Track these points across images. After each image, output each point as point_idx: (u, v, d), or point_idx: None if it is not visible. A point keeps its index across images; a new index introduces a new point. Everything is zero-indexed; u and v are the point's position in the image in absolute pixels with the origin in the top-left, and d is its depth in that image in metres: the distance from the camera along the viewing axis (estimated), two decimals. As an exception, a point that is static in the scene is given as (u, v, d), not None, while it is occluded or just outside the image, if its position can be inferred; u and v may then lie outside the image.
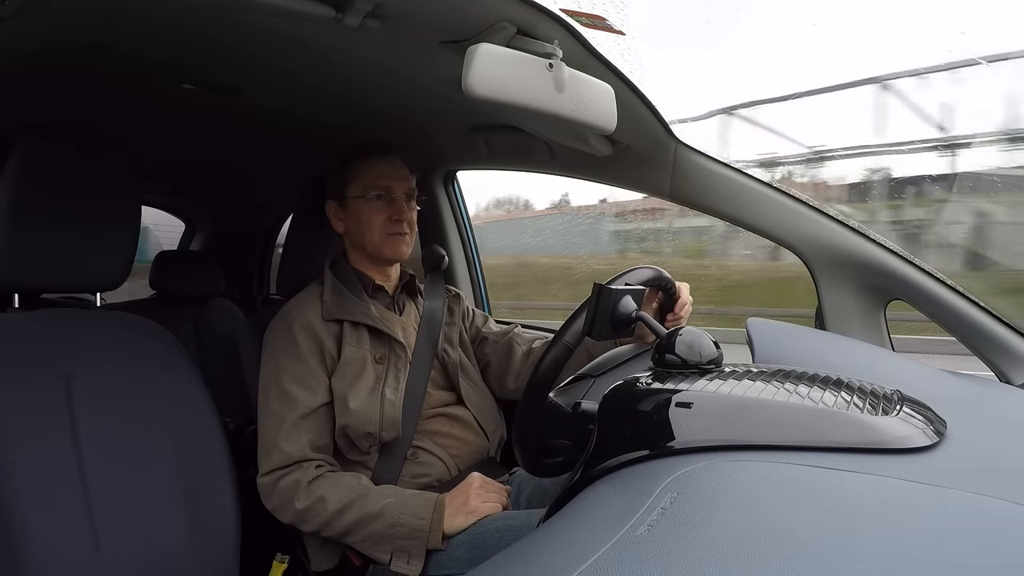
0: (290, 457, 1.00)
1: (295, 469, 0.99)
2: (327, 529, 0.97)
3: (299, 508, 0.97)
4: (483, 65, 0.65)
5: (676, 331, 0.69)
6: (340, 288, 1.13)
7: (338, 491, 0.97)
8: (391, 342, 1.11)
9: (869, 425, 0.54)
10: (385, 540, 0.95)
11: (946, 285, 0.97)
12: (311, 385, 1.04)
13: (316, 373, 1.05)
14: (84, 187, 0.97)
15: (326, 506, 0.96)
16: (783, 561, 0.36)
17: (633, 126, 1.04)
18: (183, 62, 1.02)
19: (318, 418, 1.03)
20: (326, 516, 0.96)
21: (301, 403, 1.02)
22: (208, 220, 2.46)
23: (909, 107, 2.69)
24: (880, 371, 0.76)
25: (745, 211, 1.09)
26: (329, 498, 0.96)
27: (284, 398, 1.03)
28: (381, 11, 0.75)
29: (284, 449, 1.00)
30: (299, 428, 1.01)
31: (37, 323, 0.95)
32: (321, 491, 0.97)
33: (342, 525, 0.96)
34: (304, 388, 1.03)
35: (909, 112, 2.61)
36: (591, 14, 0.83)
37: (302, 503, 0.97)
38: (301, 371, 1.04)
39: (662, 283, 0.95)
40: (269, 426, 1.03)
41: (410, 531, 0.94)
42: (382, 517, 0.95)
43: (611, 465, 0.57)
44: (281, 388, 1.03)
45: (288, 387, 1.03)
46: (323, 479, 0.99)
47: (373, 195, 1.13)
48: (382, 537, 0.95)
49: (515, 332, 1.28)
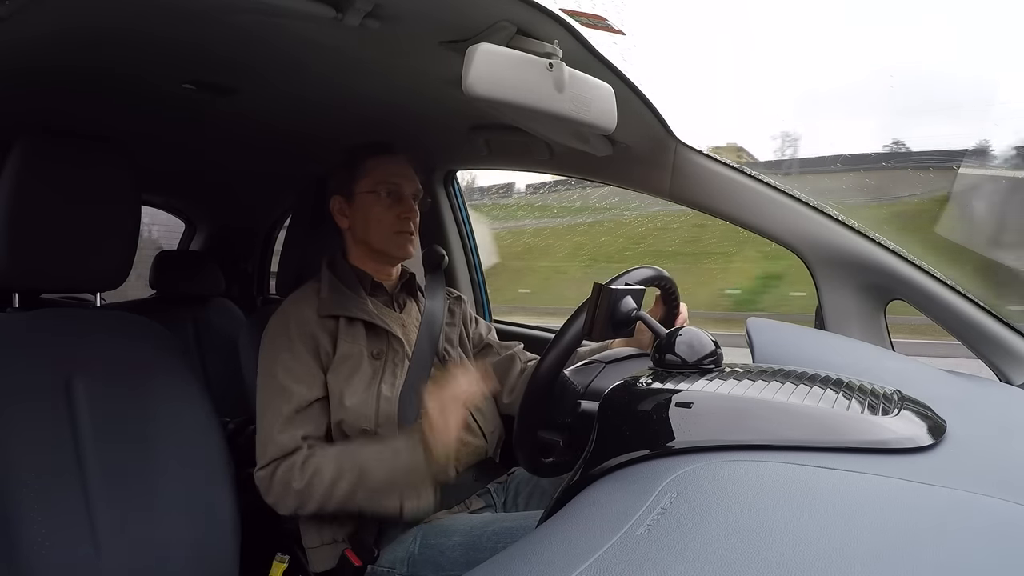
0: (284, 448, 1.00)
1: (290, 455, 0.99)
2: (329, 501, 0.97)
3: (298, 488, 0.97)
4: (483, 65, 0.65)
5: (676, 331, 0.69)
6: (337, 285, 1.13)
7: (330, 461, 0.98)
8: (388, 338, 1.11)
9: (869, 425, 0.54)
10: (390, 488, 0.97)
11: (946, 285, 0.97)
12: (306, 380, 1.04)
13: (311, 369, 1.05)
14: (84, 187, 0.97)
15: (323, 478, 0.96)
16: (783, 561, 0.36)
17: (633, 126, 1.04)
18: (183, 62, 1.02)
19: (313, 412, 1.03)
20: (324, 487, 0.96)
21: (296, 397, 1.02)
22: (208, 220, 2.46)
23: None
24: (880, 371, 0.76)
25: (745, 211, 1.09)
26: (324, 468, 0.97)
27: (279, 392, 1.03)
28: (381, 11, 0.75)
29: (279, 441, 1.00)
30: (294, 422, 1.01)
31: (37, 323, 0.95)
32: (314, 465, 0.97)
33: (343, 491, 0.97)
34: (299, 383, 1.03)
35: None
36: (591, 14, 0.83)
37: (299, 483, 0.97)
38: (296, 366, 1.04)
39: (662, 283, 0.95)
40: (266, 421, 1.03)
41: (410, 467, 0.96)
42: (379, 468, 0.97)
43: (611, 465, 0.57)
44: (277, 383, 1.03)
45: (284, 382, 1.03)
46: (315, 455, 0.99)
47: (384, 192, 1.13)
48: (387, 486, 0.97)
49: (519, 349, 1.29)
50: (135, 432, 0.94)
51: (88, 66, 1.01)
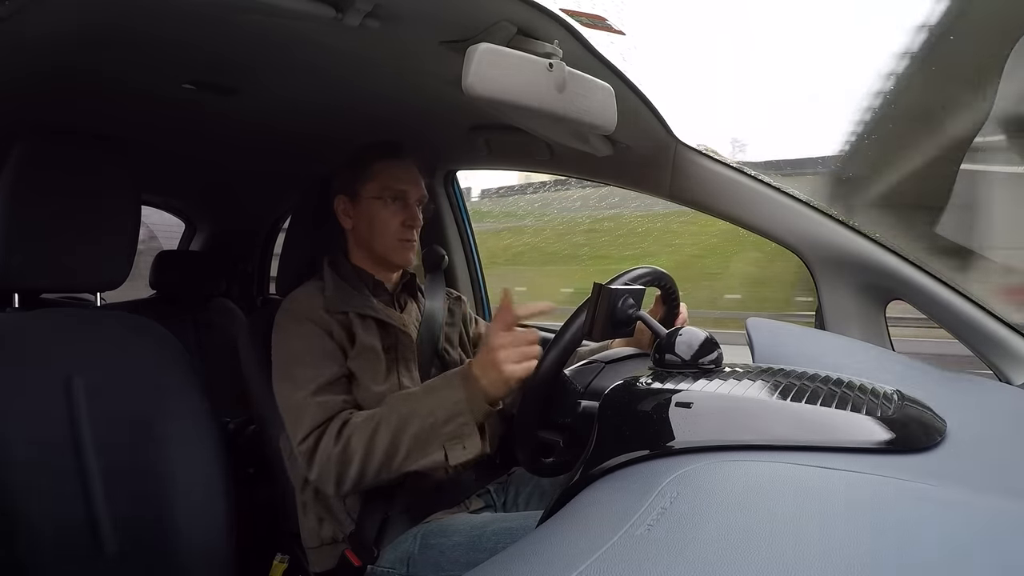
0: (327, 410, 0.97)
1: (329, 423, 0.96)
2: (370, 462, 0.92)
3: (337, 453, 0.93)
4: (483, 65, 0.65)
5: (676, 331, 0.69)
6: (341, 283, 1.12)
7: (365, 421, 0.95)
8: (397, 333, 1.11)
9: (869, 425, 0.54)
10: (431, 437, 0.91)
11: (946, 285, 0.97)
12: (331, 357, 1.02)
13: (332, 350, 1.03)
14: (84, 187, 0.97)
15: (361, 434, 0.93)
16: (783, 561, 0.36)
17: (633, 126, 1.04)
18: (183, 62, 1.02)
19: (342, 385, 1.02)
20: (363, 444, 0.92)
21: (325, 370, 1.00)
22: (208, 220, 2.46)
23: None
24: (880, 371, 0.76)
25: (745, 211, 1.09)
26: (361, 425, 0.94)
27: (306, 368, 1.00)
28: (381, 11, 0.75)
29: (318, 404, 0.97)
30: (328, 389, 0.99)
31: (37, 323, 0.95)
32: (352, 426, 0.95)
33: (381, 448, 0.92)
34: (324, 359, 1.01)
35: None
36: (591, 14, 0.83)
37: (338, 446, 0.93)
38: (318, 347, 1.02)
39: (662, 283, 0.95)
40: (299, 395, 0.98)
41: (449, 414, 0.90)
42: (415, 415, 0.91)
43: (611, 465, 0.57)
44: (302, 364, 1.01)
45: (307, 359, 1.01)
46: (352, 418, 0.97)
47: (390, 198, 1.13)
48: (427, 437, 0.91)
49: None
50: (135, 432, 0.94)
51: (88, 66, 1.01)
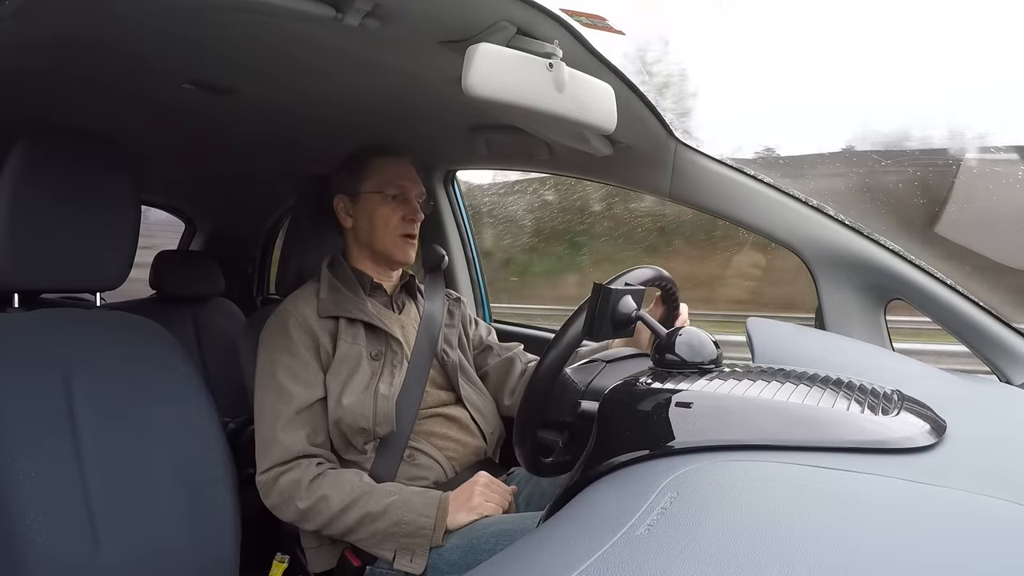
0: (289, 452, 1.00)
1: (295, 466, 0.99)
2: (329, 528, 0.97)
3: (302, 508, 0.97)
4: (483, 65, 0.65)
5: (676, 331, 0.69)
6: (337, 286, 1.13)
7: (341, 489, 0.97)
8: (387, 339, 1.11)
9: (869, 425, 0.54)
10: (389, 538, 0.95)
11: (946, 285, 0.97)
12: (307, 380, 1.04)
13: (311, 368, 1.05)
14: (84, 187, 0.97)
15: (329, 505, 0.96)
16: (783, 561, 0.36)
17: (633, 126, 1.04)
18: (182, 62, 1.02)
19: (314, 413, 1.03)
20: (329, 515, 0.96)
21: (297, 398, 1.02)
22: (208, 220, 2.46)
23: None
24: (880, 371, 0.76)
25: (745, 211, 1.09)
26: (332, 496, 0.96)
27: (280, 393, 1.03)
28: (381, 11, 0.74)
29: (282, 442, 1.00)
30: (295, 423, 1.01)
31: (37, 323, 0.95)
32: (323, 490, 0.97)
33: (345, 524, 0.96)
34: (300, 383, 1.03)
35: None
36: (591, 14, 0.83)
37: (304, 502, 0.97)
38: (296, 366, 1.04)
39: (662, 283, 0.95)
40: (266, 422, 1.03)
41: (414, 529, 0.95)
42: (386, 515, 0.95)
43: (611, 465, 0.57)
44: (277, 383, 1.03)
45: (284, 382, 1.03)
46: (324, 477, 0.99)
47: (390, 193, 1.13)
48: (386, 535, 0.95)
49: (519, 350, 1.29)
50: (135, 432, 0.94)
51: (88, 66, 1.01)
